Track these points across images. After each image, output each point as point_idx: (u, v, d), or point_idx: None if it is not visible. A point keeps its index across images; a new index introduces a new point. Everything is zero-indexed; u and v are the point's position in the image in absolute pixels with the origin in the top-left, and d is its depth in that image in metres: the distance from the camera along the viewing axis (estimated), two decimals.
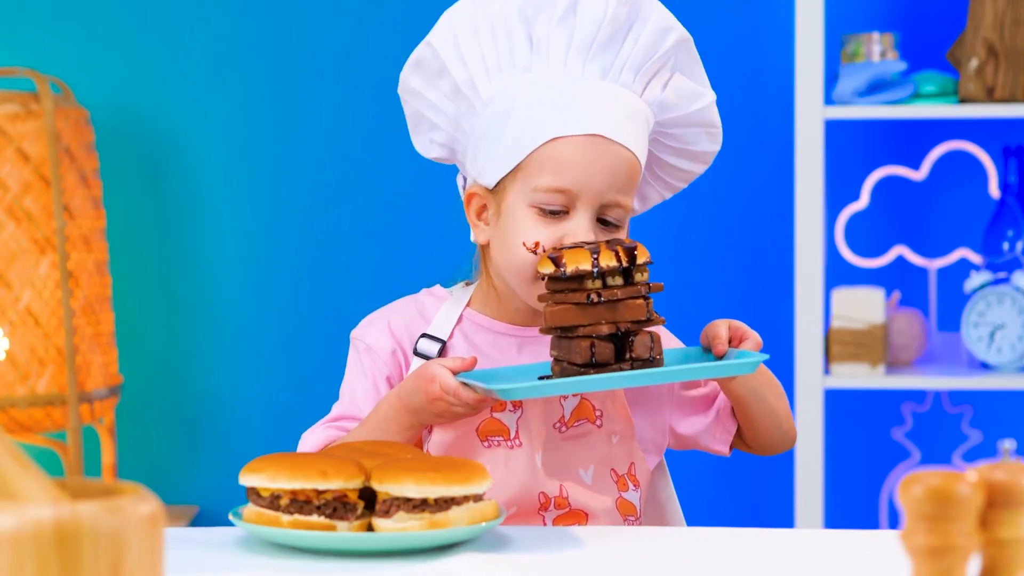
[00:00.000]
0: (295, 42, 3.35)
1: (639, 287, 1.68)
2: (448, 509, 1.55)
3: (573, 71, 1.81)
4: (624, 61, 1.83)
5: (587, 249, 1.68)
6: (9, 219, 2.96)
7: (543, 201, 1.79)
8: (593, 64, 1.82)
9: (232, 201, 3.35)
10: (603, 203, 1.79)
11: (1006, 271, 3.14)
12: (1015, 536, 1.09)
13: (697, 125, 1.90)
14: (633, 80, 1.83)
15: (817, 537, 1.68)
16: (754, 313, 3.32)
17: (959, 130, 3.28)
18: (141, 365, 3.35)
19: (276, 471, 1.56)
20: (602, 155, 1.79)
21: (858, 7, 3.29)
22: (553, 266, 1.67)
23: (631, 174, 1.81)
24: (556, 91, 1.81)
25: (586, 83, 1.81)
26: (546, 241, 1.78)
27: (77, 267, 3.02)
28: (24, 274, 2.97)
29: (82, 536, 0.96)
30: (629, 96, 1.83)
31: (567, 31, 1.81)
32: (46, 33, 3.33)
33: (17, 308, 2.97)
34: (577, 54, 1.81)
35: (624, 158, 1.80)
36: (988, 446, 3.29)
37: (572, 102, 1.80)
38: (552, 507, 1.81)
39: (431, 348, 1.85)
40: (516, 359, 1.85)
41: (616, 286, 1.67)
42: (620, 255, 1.67)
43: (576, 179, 1.78)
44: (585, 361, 1.65)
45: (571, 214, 1.79)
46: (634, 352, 1.67)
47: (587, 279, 1.66)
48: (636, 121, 1.82)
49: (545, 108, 1.80)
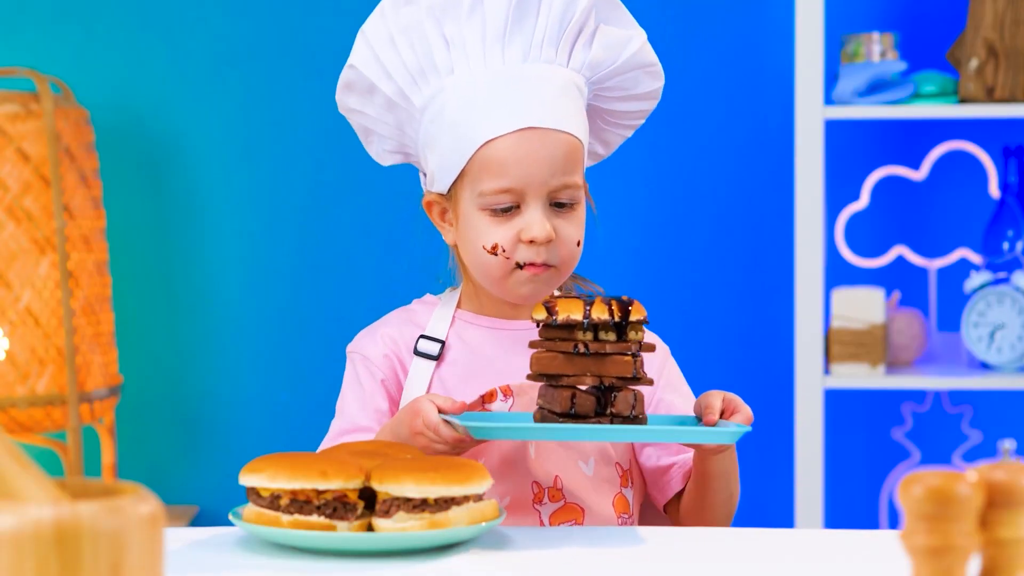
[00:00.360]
0: (295, 42, 3.35)
1: (630, 344, 1.66)
2: (448, 509, 1.55)
3: (494, 62, 1.82)
4: (541, 37, 1.83)
5: (582, 299, 1.67)
6: (9, 219, 2.96)
7: (491, 203, 1.81)
8: (511, 49, 1.82)
9: (232, 201, 3.35)
10: (551, 190, 1.81)
11: (1006, 271, 3.14)
12: (1015, 536, 1.09)
13: (633, 69, 1.88)
14: (556, 53, 1.83)
15: (817, 537, 1.68)
16: (754, 313, 3.32)
17: (959, 130, 3.28)
18: (141, 365, 3.35)
19: (276, 471, 1.56)
20: (538, 146, 1.80)
21: (858, 7, 3.29)
22: (546, 313, 1.66)
23: (572, 154, 1.82)
24: (482, 90, 1.81)
25: (509, 72, 1.81)
26: (503, 241, 1.81)
27: (77, 267, 3.02)
28: (24, 274, 2.97)
29: (82, 536, 0.96)
30: (554, 72, 1.83)
31: (478, 23, 1.82)
32: (46, 33, 3.33)
33: (17, 308, 2.97)
34: (493, 44, 1.82)
35: (561, 142, 1.81)
36: (988, 446, 3.29)
37: (498, 99, 1.81)
38: (546, 499, 1.81)
39: (432, 348, 1.87)
40: (511, 353, 1.86)
41: (607, 340, 1.66)
42: (614, 309, 1.66)
43: (518, 176, 1.80)
44: (564, 411, 1.65)
45: (523, 208, 1.81)
46: (615, 408, 1.65)
47: (577, 329, 1.65)
48: (567, 96, 1.82)
49: (474, 110, 1.82)
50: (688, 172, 3.32)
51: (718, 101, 3.32)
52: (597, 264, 3.35)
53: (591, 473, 1.83)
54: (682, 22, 3.30)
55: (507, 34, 1.82)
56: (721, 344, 3.33)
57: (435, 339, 1.88)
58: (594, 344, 1.65)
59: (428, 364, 1.87)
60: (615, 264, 3.32)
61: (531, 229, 1.80)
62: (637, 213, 3.33)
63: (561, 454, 1.82)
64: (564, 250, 1.83)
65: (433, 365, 1.87)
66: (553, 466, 1.82)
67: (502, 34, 1.82)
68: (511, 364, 1.85)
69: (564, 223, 1.82)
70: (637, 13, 1.92)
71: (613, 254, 3.33)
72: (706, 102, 3.31)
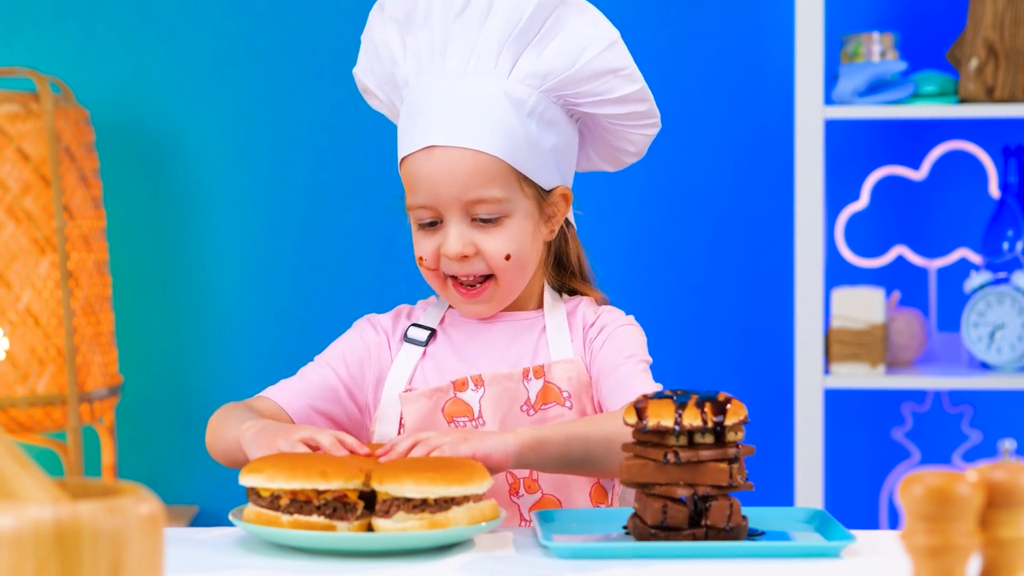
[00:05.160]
0: (295, 42, 3.35)
1: (727, 449, 1.58)
2: (448, 509, 1.56)
3: (434, 75, 1.85)
4: (482, 47, 1.84)
5: (674, 402, 1.57)
6: (9, 219, 2.96)
7: (416, 217, 1.87)
8: (453, 60, 1.85)
9: (232, 201, 3.35)
10: (465, 205, 1.83)
11: (1006, 271, 3.14)
12: (1015, 536, 1.09)
13: (601, 75, 1.86)
14: (495, 64, 1.84)
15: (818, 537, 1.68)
16: (754, 313, 3.32)
17: (959, 130, 3.28)
18: (141, 365, 3.35)
19: (275, 471, 1.56)
20: (439, 164, 1.82)
21: (858, 7, 3.29)
22: (636, 417, 1.59)
23: (484, 170, 1.82)
24: (408, 111, 1.87)
25: (439, 87, 1.84)
26: (427, 254, 1.86)
27: (77, 267, 3.02)
28: (24, 274, 2.97)
29: (82, 536, 0.96)
30: (482, 86, 1.83)
31: (427, 34, 1.86)
32: (46, 33, 3.33)
33: (17, 308, 2.97)
34: (437, 55, 1.86)
35: (465, 159, 1.82)
36: (988, 446, 3.29)
37: (413, 117, 1.86)
38: (523, 490, 1.83)
39: (420, 334, 1.91)
40: (494, 346, 1.89)
41: (703, 443, 1.57)
42: (707, 413, 1.57)
43: (427, 193, 1.84)
44: (656, 523, 1.57)
45: (443, 223, 1.85)
46: (710, 519, 1.57)
47: (669, 435, 1.57)
48: (491, 111, 1.82)
49: (401, 132, 1.88)
50: (688, 172, 3.32)
51: (718, 101, 3.32)
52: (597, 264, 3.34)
53: None
54: (682, 22, 3.30)
55: (448, 45, 1.84)
56: (721, 344, 3.33)
57: (425, 327, 1.91)
58: (686, 452, 1.57)
59: (415, 351, 1.89)
60: (615, 264, 3.32)
61: (445, 244, 1.84)
62: (637, 213, 3.33)
63: None
64: (491, 262, 1.84)
65: (420, 353, 1.89)
66: None
67: (444, 46, 1.85)
68: (492, 357, 1.88)
69: (486, 237, 1.84)
70: (637, 13, 1.91)
71: (613, 254, 3.33)
72: (706, 102, 3.31)
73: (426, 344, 1.90)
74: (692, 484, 1.57)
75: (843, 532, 1.60)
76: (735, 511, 1.58)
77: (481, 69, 1.83)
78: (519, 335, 1.90)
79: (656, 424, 1.57)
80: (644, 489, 1.59)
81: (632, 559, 1.54)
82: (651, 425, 1.57)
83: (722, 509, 1.58)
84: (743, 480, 1.59)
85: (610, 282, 3.34)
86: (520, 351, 1.89)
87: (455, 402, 1.84)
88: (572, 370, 1.86)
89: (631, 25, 3.20)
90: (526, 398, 1.84)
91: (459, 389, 1.84)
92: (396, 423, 1.86)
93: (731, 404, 1.58)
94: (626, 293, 3.33)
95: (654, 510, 1.58)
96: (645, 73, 1.93)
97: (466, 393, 1.84)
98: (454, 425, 1.83)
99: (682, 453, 1.57)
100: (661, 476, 1.57)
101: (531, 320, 1.91)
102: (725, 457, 1.58)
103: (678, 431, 1.57)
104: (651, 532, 1.58)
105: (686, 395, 1.59)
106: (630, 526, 1.62)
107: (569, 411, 1.85)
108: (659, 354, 3.33)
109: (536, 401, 1.84)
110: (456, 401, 1.84)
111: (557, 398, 1.85)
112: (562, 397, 1.85)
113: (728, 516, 1.58)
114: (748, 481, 1.60)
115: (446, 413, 1.84)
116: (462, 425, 1.83)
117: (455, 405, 1.84)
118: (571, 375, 1.85)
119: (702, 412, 1.57)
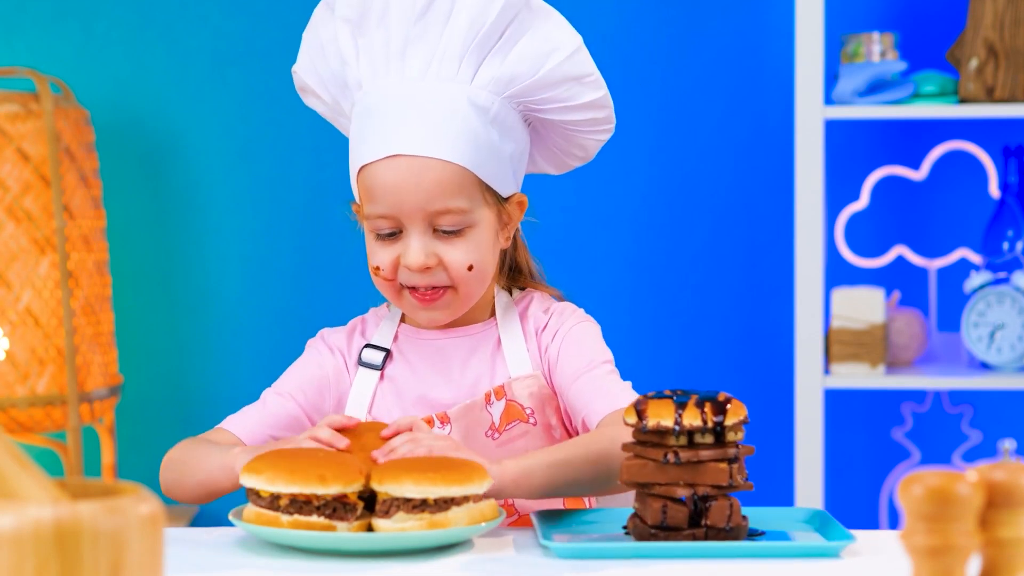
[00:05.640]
0: (295, 42, 3.34)
1: (727, 449, 1.58)
2: (448, 509, 1.56)
3: (391, 79, 1.80)
4: (443, 51, 1.79)
5: (674, 402, 1.57)
6: (9, 219, 2.96)
7: (375, 227, 1.82)
8: (412, 63, 1.80)
9: (232, 201, 3.35)
10: (429, 216, 1.79)
11: (1006, 271, 3.14)
12: (1015, 536, 1.09)
13: (564, 81, 1.82)
14: (458, 69, 1.79)
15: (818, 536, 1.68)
16: (754, 313, 3.32)
17: (959, 130, 3.28)
18: (141, 365, 3.35)
19: (274, 474, 1.56)
20: (405, 174, 1.78)
21: (858, 7, 3.29)
22: (636, 417, 1.58)
23: (449, 180, 1.78)
24: (365, 115, 1.81)
25: (398, 92, 1.79)
26: (384, 264, 1.81)
27: (77, 267, 3.02)
28: (24, 274, 2.97)
29: (82, 536, 0.96)
30: (445, 92, 1.79)
31: (382, 35, 1.81)
32: (46, 33, 3.33)
33: (17, 308, 2.97)
34: (394, 58, 1.80)
35: (431, 168, 1.77)
36: (988, 446, 3.29)
37: (375, 123, 1.80)
38: None
39: (375, 357, 1.88)
40: (451, 366, 1.86)
41: (703, 444, 1.57)
42: (707, 413, 1.57)
43: (390, 203, 1.79)
44: (656, 523, 1.57)
45: (404, 234, 1.80)
46: (710, 519, 1.57)
47: (669, 435, 1.57)
48: (455, 118, 1.78)
49: (358, 137, 1.82)
50: (688, 172, 3.32)
51: (718, 101, 3.32)
52: (597, 264, 3.35)
53: None
54: (682, 22, 3.29)
55: (407, 48, 1.79)
56: (721, 344, 3.33)
57: (380, 348, 1.89)
58: (686, 452, 1.56)
59: (372, 375, 1.88)
60: (615, 264, 3.32)
61: (406, 256, 1.80)
62: (637, 213, 3.33)
63: (521, 447, 1.82)
64: (453, 273, 1.80)
65: (377, 376, 1.87)
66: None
67: (402, 49, 1.79)
68: (450, 380, 1.85)
69: (449, 248, 1.80)
70: (637, 13, 1.91)
71: (613, 254, 3.33)
72: (706, 102, 3.31)
73: (382, 367, 1.87)
74: (692, 484, 1.57)
75: (843, 532, 1.60)
76: (735, 511, 1.58)
77: (443, 74, 1.78)
78: (474, 350, 1.87)
79: (656, 424, 1.56)
80: (644, 489, 1.59)
81: (632, 559, 1.54)
82: (651, 425, 1.56)
83: (722, 509, 1.57)
84: (743, 480, 1.59)
85: (610, 282, 3.34)
86: (478, 369, 1.86)
87: None
88: (533, 385, 1.83)
89: (631, 25, 3.20)
90: (490, 423, 1.82)
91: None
92: None
93: (731, 404, 1.58)
94: (626, 293, 3.33)
95: (654, 510, 1.57)
96: (645, 73, 1.93)
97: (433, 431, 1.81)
98: None
99: (682, 453, 1.56)
100: (661, 476, 1.57)
101: (485, 332, 1.88)
102: (725, 457, 1.58)
103: (678, 431, 1.56)
104: (651, 532, 1.58)
105: (686, 395, 1.58)
106: (630, 526, 1.62)
107: (533, 427, 1.82)
108: (658, 354, 3.34)
109: (500, 423, 1.82)
110: None
111: (520, 415, 1.82)
112: (525, 414, 1.83)
113: (728, 516, 1.57)
114: (748, 481, 1.60)
115: None
116: None
117: None
118: (532, 390, 1.83)
119: (702, 412, 1.56)
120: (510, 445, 1.82)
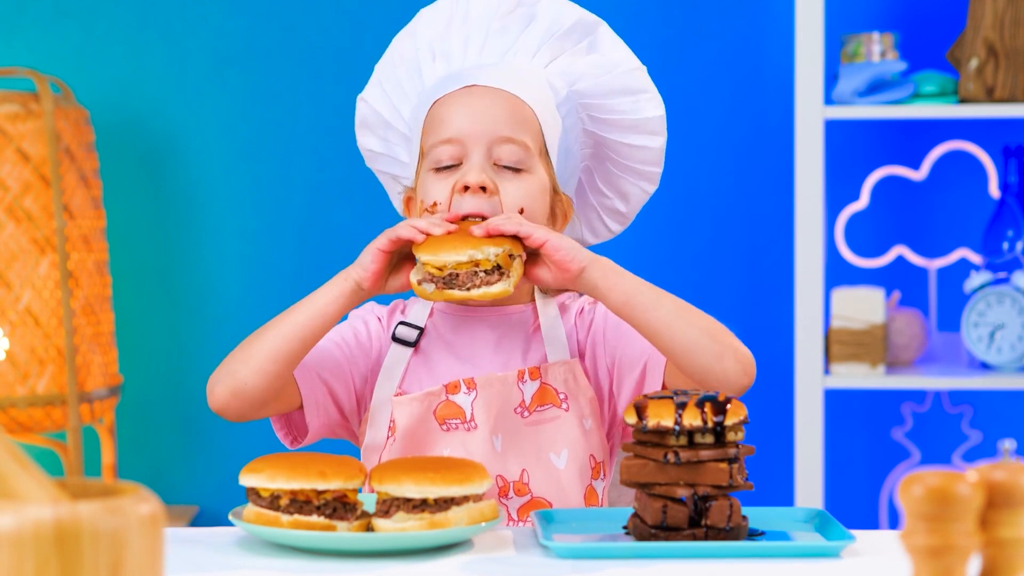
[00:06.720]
0: (295, 42, 3.35)
1: (727, 449, 1.57)
2: (448, 509, 1.56)
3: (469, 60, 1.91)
4: (521, 47, 1.90)
5: (674, 402, 1.57)
6: (9, 219, 2.96)
7: (436, 159, 1.85)
8: (490, 50, 1.90)
9: (232, 201, 3.35)
10: (493, 142, 1.84)
11: (1006, 271, 3.14)
12: (1015, 536, 1.09)
13: (627, 93, 1.92)
14: (533, 56, 1.90)
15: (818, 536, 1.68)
16: (754, 313, 3.32)
17: (959, 130, 3.28)
18: (141, 365, 3.35)
19: (275, 471, 1.56)
20: (478, 99, 1.85)
21: (858, 7, 3.29)
22: (636, 416, 1.58)
23: (516, 112, 1.85)
24: (433, 74, 1.91)
25: (474, 63, 1.90)
26: (441, 196, 1.84)
27: (77, 267, 3.02)
28: (24, 274, 2.97)
29: (82, 536, 0.96)
30: (521, 66, 1.90)
31: (461, 38, 1.91)
32: (46, 33, 3.33)
33: (17, 308, 2.97)
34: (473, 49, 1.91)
35: (502, 97, 1.85)
36: (988, 446, 3.29)
37: (446, 68, 1.90)
38: (512, 493, 1.82)
39: (409, 334, 1.89)
40: (486, 343, 1.88)
41: (703, 444, 1.57)
42: (707, 413, 1.57)
43: (458, 126, 1.84)
44: (656, 523, 1.57)
45: (463, 165, 1.84)
46: (710, 519, 1.57)
47: (669, 435, 1.57)
48: (527, 79, 1.87)
49: (427, 86, 1.91)
50: (688, 172, 3.32)
51: (718, 101, 3.32)
52: None
53: (563, 466, 1.83)
54: (682, 22, 3.30)
55: (487, 41, 1.90)
56: None
57: (414, 326, 1.90)
58: (686, 452, 1.56)
59: (405, 352, 1.89)
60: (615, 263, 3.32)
61: (466, 175, 1.83)
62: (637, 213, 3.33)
63: (530, 447, 1.83)
64: (506, 207, 1.83)
65: (410, 352, 1.88)
66: (521, 460, 1.82)
67: (483, 42, 1.90)
68: (483, 356, 1.87)
69: (506, 182, 1.84)
70: (636, 13, 1.92)
71: (612, 254, 3.33)
72: (706, 102, 3.31)
73: (415, 344, 1.89)
74: (692, 484, 1.57)
75: (843, 532, 1.60)
76: (735, 511, 1.58)
77: (519, 60, 1.89)
78: (510, 331, 1.89)
79: (656, 424, 1.56)
80: (644, 489, 1.59)
81: (632, 559, 1.55)
82: (651, 425, 1.57)
83: (722, 509, 1.57)
84: (743, 480, 1.59)
85: None
86: (511, 348, 1.88)
87: (447, 405, 1.83)
88: (568, 372, 1.85)
89: (632, 25, 3.20)
90: (520, 400, 1.83)
91: (451, 392, 1.83)
92: (386, 426, 1.85)
93: (731, 404, 1.58)
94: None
95: (654, 510, 1.57)
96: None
97: (458, 396, 1.83)
98: (445, 428, 1.83)
99: (682, 453, 1.56)
100: (661, 476, 1.57)
101: (522, 315, 1.90)
102: (725, 457, 1.58)
103: (678, 431, 1.56)
104: (651, 532, 1.58)
105: (686, 395, 1.59)
106: (630, 526, 1.62)
107: (565, 412, 1.84)
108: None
109: (532, 403, 1.83)
110: (448, 404, 1.83)
111: (554, 399, 1.84)
112: (559, 399, 1.84)
113: (728, 516, 1.57)
114: (748, 481, 1.60)
115: (438, 416, 1.83)
116: (454, 428, 1.83)
117: (447, 408, 1.83)
118: (567, 377, 1.85)
119: (702, 412, 1.56)
120: (540, 427, 1.83)
